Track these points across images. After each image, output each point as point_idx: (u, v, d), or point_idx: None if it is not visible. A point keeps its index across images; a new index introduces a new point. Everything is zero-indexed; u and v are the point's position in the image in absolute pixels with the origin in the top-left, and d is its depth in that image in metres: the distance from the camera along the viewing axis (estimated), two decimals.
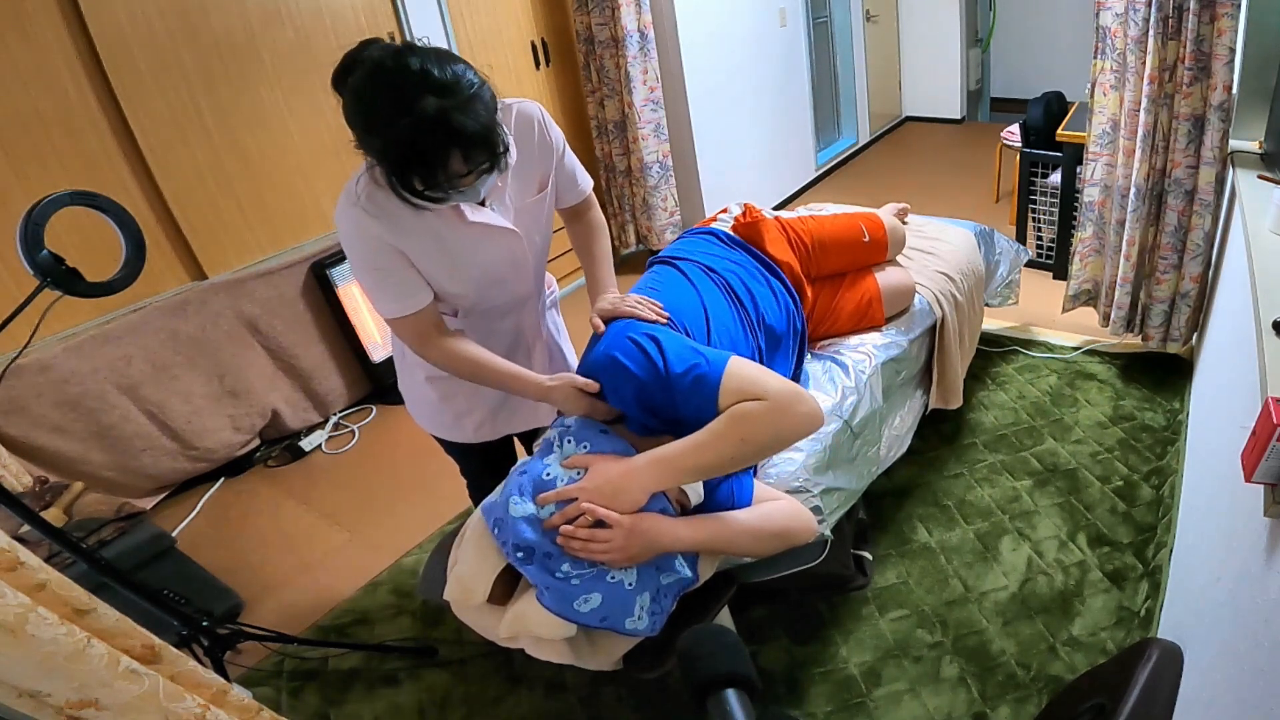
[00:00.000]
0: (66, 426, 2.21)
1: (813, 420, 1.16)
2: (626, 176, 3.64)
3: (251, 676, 1.82)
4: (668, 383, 1.18)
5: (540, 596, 1.12)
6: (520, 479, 1.16)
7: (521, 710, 1.67)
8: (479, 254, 1.28)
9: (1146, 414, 2.29)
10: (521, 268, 1.36)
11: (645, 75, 3.35)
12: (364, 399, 2.96)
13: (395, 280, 1.23)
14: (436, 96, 1.00)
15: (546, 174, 1.34)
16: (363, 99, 1.03)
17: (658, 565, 1.16)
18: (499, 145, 1.09)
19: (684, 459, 1.14)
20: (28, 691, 0.88)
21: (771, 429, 1.13)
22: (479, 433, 1.55)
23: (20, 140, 2.05)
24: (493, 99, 1.09)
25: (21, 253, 1.17)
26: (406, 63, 1.01)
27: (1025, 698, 1.54)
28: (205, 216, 2.45)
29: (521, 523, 1.11)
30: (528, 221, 1.33)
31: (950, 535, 1.95)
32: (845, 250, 1.87)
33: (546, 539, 1.11)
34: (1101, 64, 2.18)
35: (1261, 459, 0.95)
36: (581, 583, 1.10)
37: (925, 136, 5.47)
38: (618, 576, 1.11)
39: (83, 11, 2.09)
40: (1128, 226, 2.25)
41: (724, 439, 1.13)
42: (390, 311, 1.26)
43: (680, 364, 1.18)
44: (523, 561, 1.12)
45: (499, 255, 1.30)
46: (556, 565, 1.10)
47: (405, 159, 1.03)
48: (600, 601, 1.10)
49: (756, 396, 1.13)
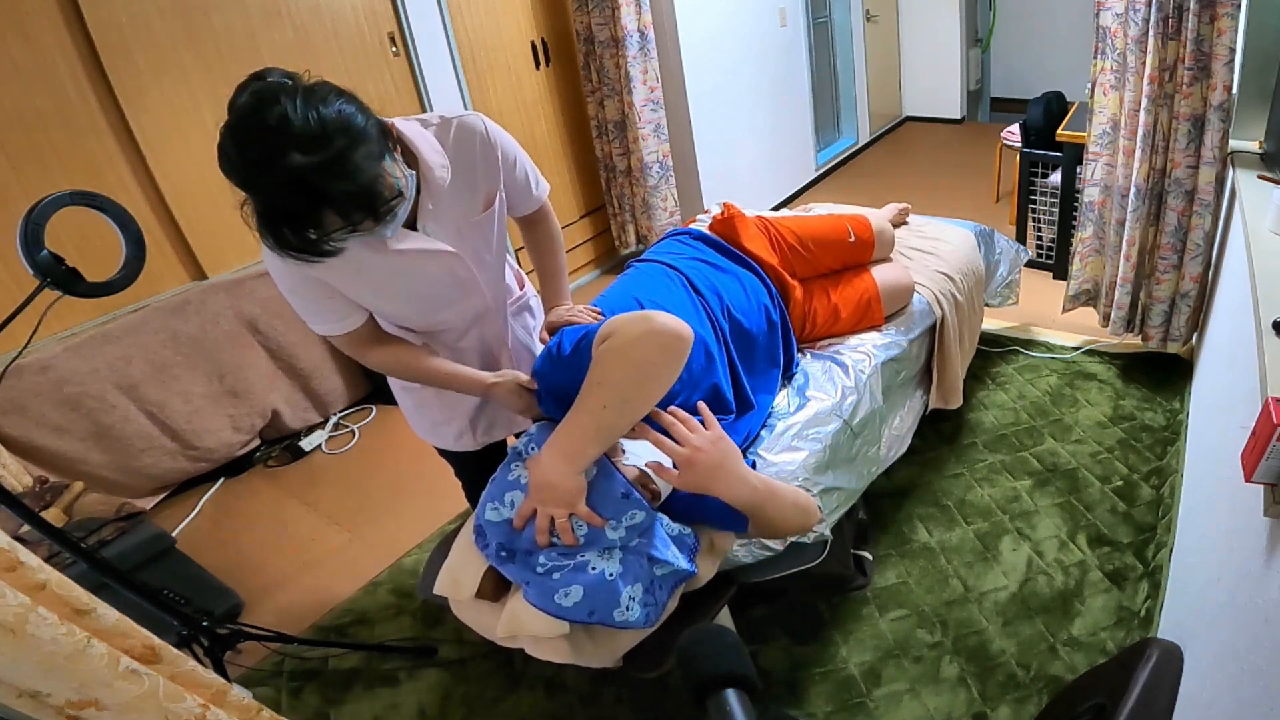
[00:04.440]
0: (66, 426, 2.21)
1: (659, 333, 1.08)
2: (626, 176, 3.64)
3: (251, 676, 1.82)
4: (562, 363, 1.22)
5: (525, 593, 1.14)
6: (492, 486, 1.21)
7: (521, 710, 1.67)
8: (415, 281, 1.22)
9: (1146, 414, 2.29)
10: (469, 287, 1.29)
11: (645, 75, 3.35)
12: (364, 399, 2.96)
13: (321, 307, 1.20)
14: (301, 153, 0.90)
15: (493, 190, 1.26)
16: (226, 153, 0.94)
17: (650, 556, 1.17)
18: (380, 201, 0.98)
19: (571, 424, 1.13)
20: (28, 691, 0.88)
21: (619, 358, 1.09)
22: (460, 442, 1.54)
23: (20, 140, 2.05)
24: (380, 143, 0.99)
25: (21, 253, 1.17)
26: (268, 114, 0.90)
27: (1025, 698, 1.54)
28: (205, 216, 2.45)
29: (498, 527, 1.17)
30: (475, 240, 1.26)
31: (950, 535, 1.95)
32: (829, 249, 1.88)
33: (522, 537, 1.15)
34: (1101, 64, 2.18)
35: (1261, 459, 0.95)
36: (561, 576, 1.11)
37: (925, 136, 5.47)
38: (597, 566, 1.12)
39: (83, 11, 2.09)
40: (1128, 226, 2.25)
41: (588, 390, 1.11)
42: (322, 331, 1.23)
43: (569, 343, 1.22)
44: (505, 561, 1.16)
45: (439, 278, 1.24)
46: (535, 561, 1.14)
47: (271, 219, 0.95)
48: (582, 595, 1.10)
49: (607, 336, 1.12)
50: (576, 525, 1.13)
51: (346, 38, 2.67)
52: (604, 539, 1.14)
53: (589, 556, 1.13)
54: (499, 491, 1.19)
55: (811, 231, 1.86)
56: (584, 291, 3.74)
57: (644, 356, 1.09)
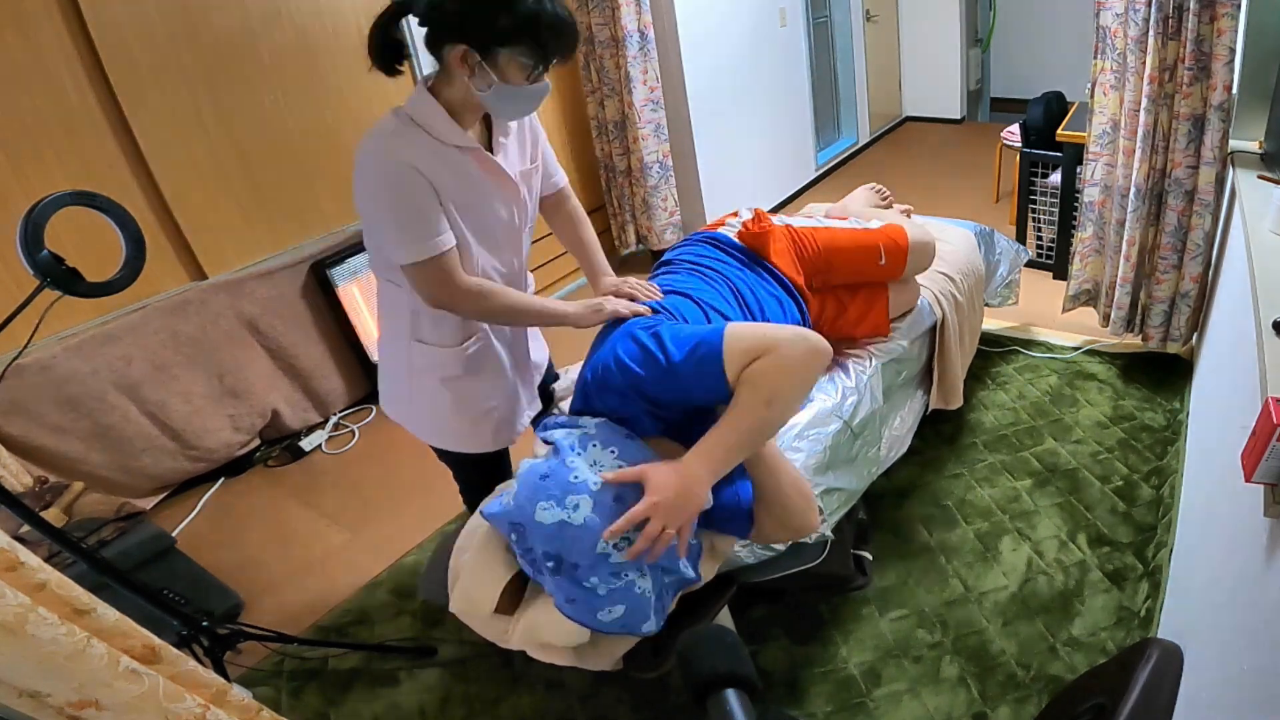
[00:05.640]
0: (66, 426, 2.21)
1: (822, 354, 1.15)
2: (626, 176, 3.64)
3: (251, 676, 1.82)
4: (674, 372, 1.16)
5: (562, 606, 1.10)
6: (543, 483, 1.10)
7: (521, 710, 1.67)
8: (489, 195, 1.33)
9: (1146, 414, 2.29)
10: (519, 230, 1.41)
11: (645, 75, 3.35)
12: (364, 399, 2.96)
13: (421, 216, 1.22)
14: None
15: (537, 155, 1.44)
16: None
17: (663, 566, 1.16)
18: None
19: (726, 439, 1.12)
20: (28, 691, 0.88)
21: (788, 377, 1.12)
22: (498, 438, 1.53)
23: (20, 140, 2.05)
24: None
25: (21, 253, 1.17)
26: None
27: (1025, 698, 1.54)
28: (205, 216, 2.45)
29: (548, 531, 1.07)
30: (527, 188, 1.41)
31: (950, 535, 1.95)
32: (857, 269, 1.76)
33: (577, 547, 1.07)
34: (1101, 64, 2.18)
35: (1261, 459, 0.95)
36: (608, 594, 1.08)
37: (925, 136, 5.47)
38: (642, 587, 1.10)
39: (83, 11, 2.09)
40: (1128, 226, 2.25)
41: (751, 407, 1.11)
42: (413, 254, 1.23)
43: (680, 350, 1.16)
44: (552, 572, 1.08)
45: (501, 205, 1.35)
46: (585, 576, 1.07)
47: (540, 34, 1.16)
48: (624, 612, 1.09)
49: (761, 354, 1.12)
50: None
51: (347, 38, 2.67)
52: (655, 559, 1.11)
53: (633, 576, 1.09)
54: (558, 491, 1.08)
55: (841, 248, 1.73)
56: (584, 291, 3.74)
57: (811, 373, 1.15)
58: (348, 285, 2.77)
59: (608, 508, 1.08)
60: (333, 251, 2.74)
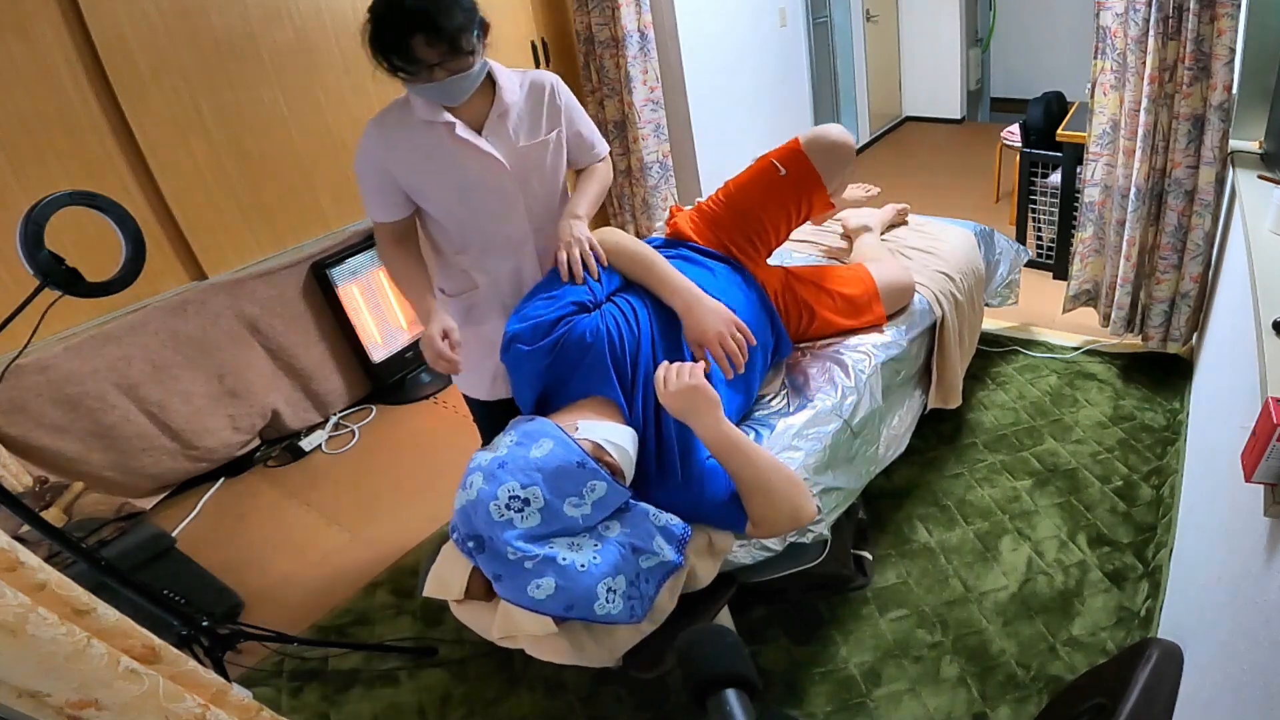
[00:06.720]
0: (66, 426, 2.21)
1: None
2: (626, 176, 3.64)
3: (251, 676, 1.82)
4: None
5: (499, 589, 1.12)
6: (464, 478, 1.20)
7: (521, 710, 1.67)
8: (460, 168, 1.43)
9: (1146, 414, 2.29)
10: (511, 203, 1.49)
11: (645, 75, 3.35)
12: (364, 399, 2.96)
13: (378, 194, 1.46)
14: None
15: (555, 129, 1.51)
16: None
17: (634, 547, 1.16)
18: (462, 47, 1.25)
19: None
20: (28, 691, 0.88)
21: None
22: (494, 389, 1.65)
23: (20, 140, 2.05)
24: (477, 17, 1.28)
25: (21, 253, 1.17)
26: None
27: (1025, 698, 1.54)
28: (205, 216, 2.44)
29: (462, 511, 1.16)
30: (526, 163, 1.48)
31: (950, 535, 1.95)
32: (763, 193, 1.73)
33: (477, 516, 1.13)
34: (1101, 64, 2.18)
35: (1261, 459, 0.95)
36: (533, 566, 1.09)
37: (925, 136, 5.47)
38: (567, 558, 1.10)
39: (83, 11, 2.09)
40: (1128, 226, 2.25)
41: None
42: (372, 215, 1.49)
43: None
44: (474, 551, 1.15)
45: (481, 179, 1.45)
46: (500, 547, 1.10)
47: (379, 31, 1.23)
48: (555, 587, 1.08)
49: None
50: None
51: (347, 38, 2.67)
52: (567, 522, 1.13)
53: (558, 548, 1.11)
54: (466, 477, 1.18)
55: (740, 183, 1.77)
56: None
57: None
58: (348, 285, 2.76)
59: (493, 477, 1.14)
60: (333, 251, 2.74)
